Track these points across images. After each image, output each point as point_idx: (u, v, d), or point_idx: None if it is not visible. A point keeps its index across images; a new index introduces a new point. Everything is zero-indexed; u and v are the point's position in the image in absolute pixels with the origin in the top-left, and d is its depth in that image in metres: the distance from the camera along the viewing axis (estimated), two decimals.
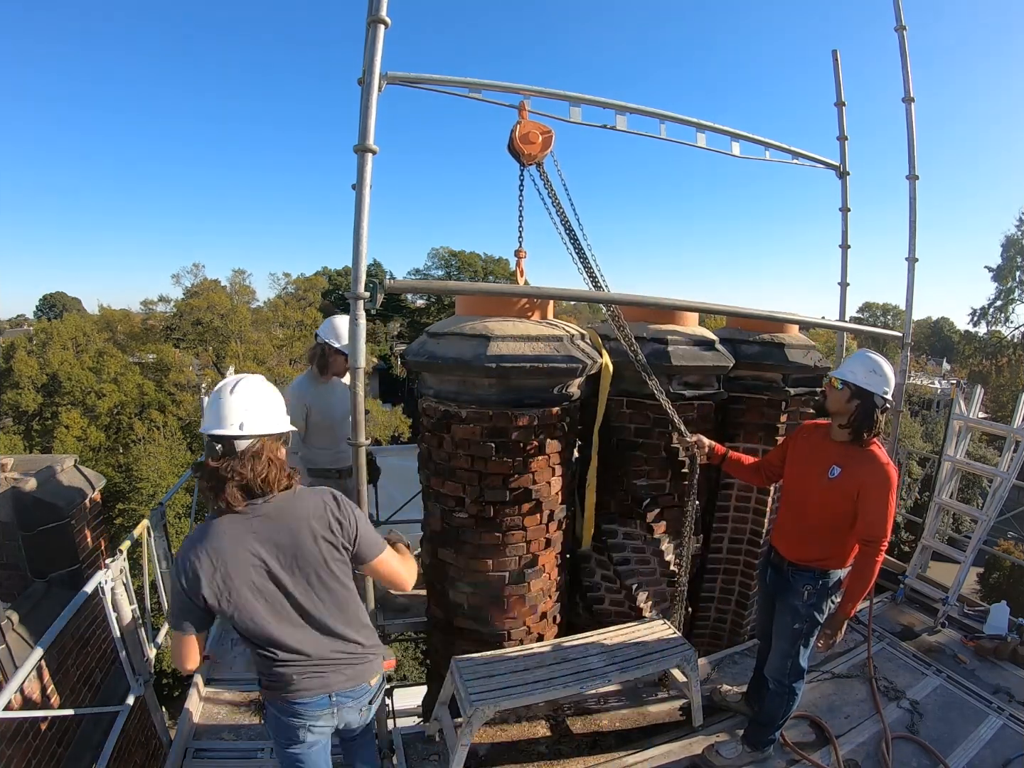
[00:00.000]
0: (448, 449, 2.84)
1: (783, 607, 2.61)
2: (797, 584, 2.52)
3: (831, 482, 2.38)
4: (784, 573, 2.58)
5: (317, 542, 1.68)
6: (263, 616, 1.65)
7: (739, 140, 3.42)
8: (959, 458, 4.31)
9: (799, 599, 2.51)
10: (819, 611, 2.52)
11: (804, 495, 2.51)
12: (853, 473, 2.34)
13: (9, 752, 2.82)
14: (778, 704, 2.66)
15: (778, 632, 2.64)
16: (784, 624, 2.59)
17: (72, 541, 3.76)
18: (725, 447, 2.86)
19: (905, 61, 3.66)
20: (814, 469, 2.46)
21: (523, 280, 3.11)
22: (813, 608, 2.51)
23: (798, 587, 2.51)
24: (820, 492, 2.42)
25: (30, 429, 19.01)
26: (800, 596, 2.51)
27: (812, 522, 2.46)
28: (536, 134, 2.71)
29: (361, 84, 2.18)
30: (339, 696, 1.78)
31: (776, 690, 2.65)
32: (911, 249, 3.78)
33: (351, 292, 2.09)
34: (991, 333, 21.84)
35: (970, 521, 10.64)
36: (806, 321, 3.94)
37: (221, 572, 1.59)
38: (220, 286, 23.49)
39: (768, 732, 2.74)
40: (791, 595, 2.55)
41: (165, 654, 12.05)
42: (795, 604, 2.53)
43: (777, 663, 2.63)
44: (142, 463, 15.90)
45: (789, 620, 2.56)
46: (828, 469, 2.40)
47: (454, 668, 2.63)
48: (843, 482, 2.36)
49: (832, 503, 2.39)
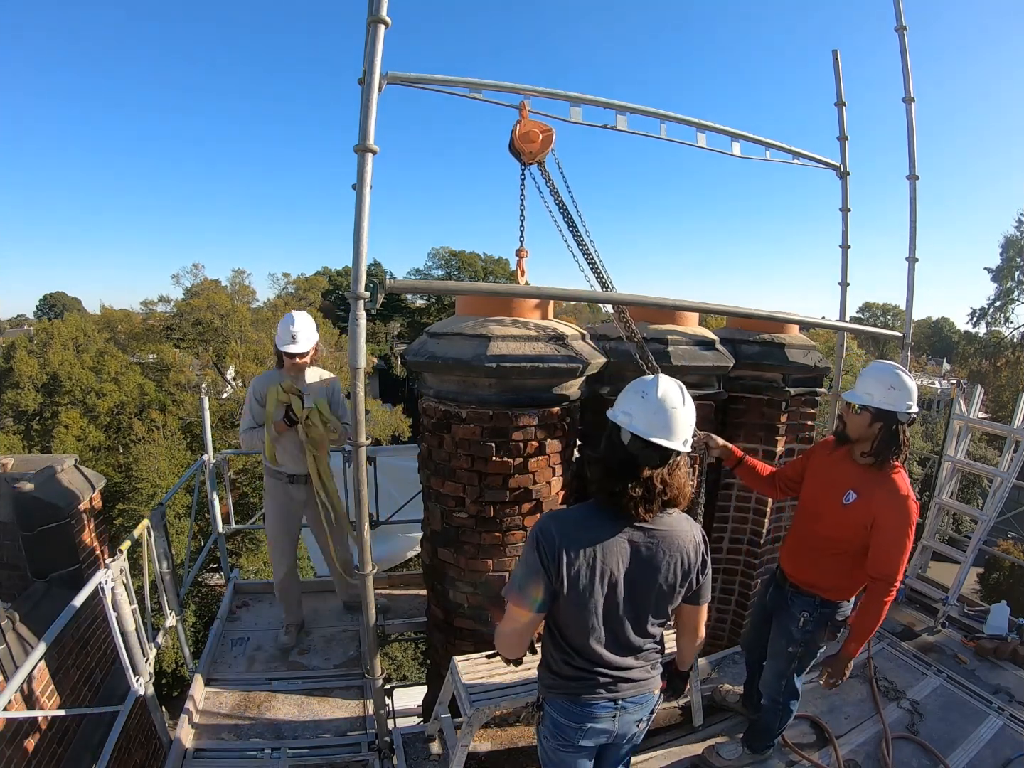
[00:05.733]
0: (448, 449, 2.84)
1: (779, 628, 2.51)
2: (795, 608, 2.41)
3: (845, 508, 2.21)
4: (784, 593, 2.48)
5: (679, 571, 1.62)
6: (595, 616, 1.60)
7: (739, 140, 3.42)
8: (959, 458, 4.31)
9: (795, 624, 2.40)
10: (816, 639, 2.40)
11: (815, 516, 2.35)
12: (869, 502, 2.16)
13: (9, 752, 2.82)
14: (773, 718, 2.62)
15: (773, 652, 2.55)
16: (779, 645, 2.49)
17: (72, 541, 3.76)
18: (742, 451, 2.67)
19: (905, 61, 3.65)
20: (829, 491, 2.29)
21: (524, 280, 3.11)
22: (809, 635, 2.39)
23: (795, 611, 2.40)
24: (832, 516, 2.25)
25: (30, 429, 18.98)
26: (796, 621, 2.39)
27: (819, 546, 2.31)
28: (536, 133, 2.71)
29: (361, 84, 2.18)
30: (624, 702, 1.73)
31: (770, 706, 2.60)
32: (911, 249, 3.77)
33: (351, 292, 2.09)
34: (991, 333, 21.86)
35: (970, 521, 10.64)
36: (806, 321, 3.94)
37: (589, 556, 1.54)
38: (220, 286, 23.46)
39: (766, 739, 2.74)
40: (787, 618, 2.44)
41: (165, 654, 12.09)
42: (790, 628, 2.42)
43: (771, 681, 2.55)
44: (142, 463, 15.87)
45: (784, 643, 2.46)
46: (844, 494, 2.22)
47: (454, 668, 2.63)
48: (858, 510, 2.18)
49: (843, 530, 2.23)
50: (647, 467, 1.53)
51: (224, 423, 20.25)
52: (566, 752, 1.78)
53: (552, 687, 1.74)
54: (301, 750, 2.86)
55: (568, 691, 1.70)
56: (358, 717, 3.14)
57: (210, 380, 20.94)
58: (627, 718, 1.75)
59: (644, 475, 1.53)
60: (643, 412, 1.55)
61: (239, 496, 16.16)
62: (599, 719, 1.70)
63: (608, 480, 1.57)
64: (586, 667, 1.66)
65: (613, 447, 1.59)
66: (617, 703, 1.71)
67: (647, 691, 1.76)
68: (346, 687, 3.37)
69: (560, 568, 1.53)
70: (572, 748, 1.77)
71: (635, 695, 1.73)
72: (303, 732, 3.01)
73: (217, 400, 20.09)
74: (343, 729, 3.05)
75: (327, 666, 3.54)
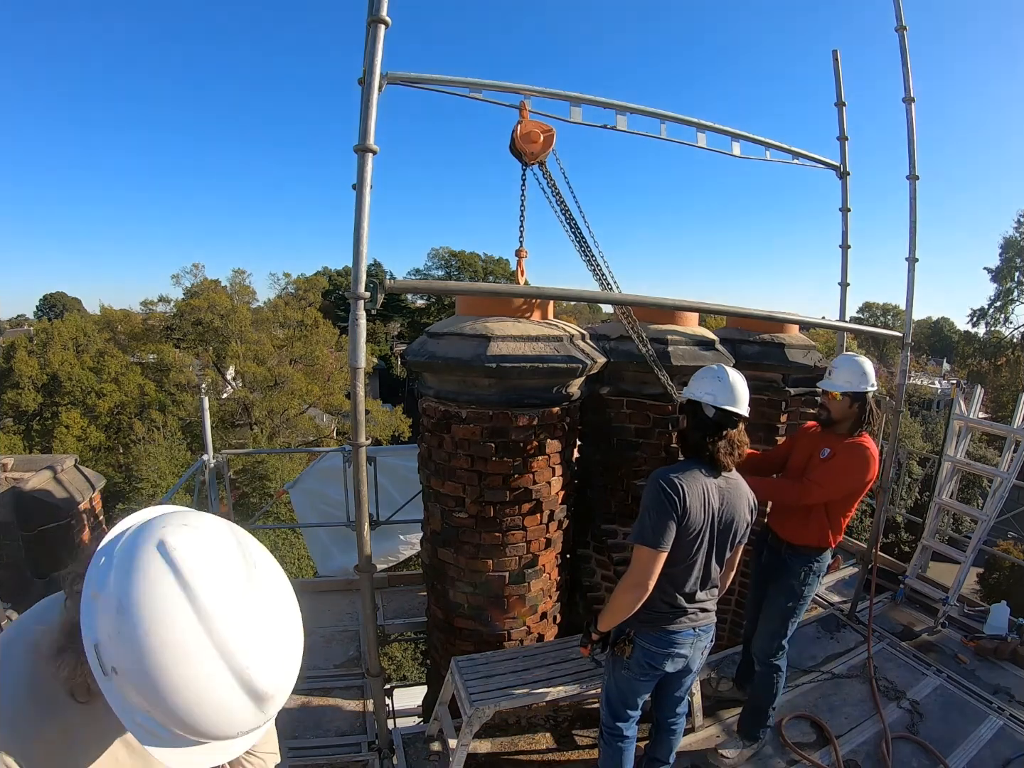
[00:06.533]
0: (448, 449, 2.84)
1: (779, 588, 2.75)
2: (794, 565, 2.70)
3: (822, 460, 2.64)
4: (781, 555, 2.75)
5: (743, 520, 2.14)
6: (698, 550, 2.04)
7: (739, 140, 3.42)
8: (959, 458, 4.32)
9: (795, 579, 2.69)
10: (812, 589, 2.73)
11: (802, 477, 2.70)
12: (839, 450, 2.62)
13: None
14: (767, 684, 2.75)
15: (769, 614, 2.77)
16: (777, 604, 2.73)
17: (72, 541, 3.76)
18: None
19: (905, 61, 3.65)
20: (812, 456, 2.72)
21: (524, 280, 3.11)
22: (807, 588, 2.70)
23: (795, 567, 2.69)
24: (814, 471, 2.66)
25: (30, 429, 19.00)
26: (797, 576, 2.69)
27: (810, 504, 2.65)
28: (537, 133, 2.70)
29: (362, 84, 2.18)
30: (699, 630, 2.15)
31: (763, 671, 2.75)
32: (911, 249, 3.77)
33: (351, 292, 2.09)
34: (991, 333, 21.88)
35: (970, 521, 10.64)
36: (806, 321, 3.94)
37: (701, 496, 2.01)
38: (220, 286, 23.46)
39: (762, 718, 2.78)
40: (788, 575, 2.71)
41: None
42: (791, 584, 2.70)
43: (765, 644, 2.76)
44: (142, 463, 15.88)
45: (783, 600, 2.71)
46: (821, 451, 2.68)
47: (454, 668, 2.64)
48: (831, 458, 2.63)
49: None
50: (729, 428, 2.10)
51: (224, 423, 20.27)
52: (642, 680, 2.19)
53: (646, 621, 2.11)
54: (301, 750, 2.86)
55: (662, 623, 2.10)
56: (358, 717, 3.15)
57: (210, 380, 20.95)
58: (699, 644, 2.17)
59: (727, 435, 2.09)
60: (722, 391, 2.13)
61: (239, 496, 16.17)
62: (682, 645, 2.11)
63: (704, 442, 2.09)
64: (678, 601, 2.08)
65: (700, 419, 2.14)
66: (695, 631, 2.13)
67: (712, 621, 2.21)
68: (346, 687, 3.37)
69: (684, 506, 1.96)
70: (649, 676, 2.18)
71: (707, 623, 2.17)
72: (303, 732, 3.02)
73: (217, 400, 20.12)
74: (343, 729, 3.05)
75: (327, 666, 3.54)
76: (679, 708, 2.37)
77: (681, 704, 2.37)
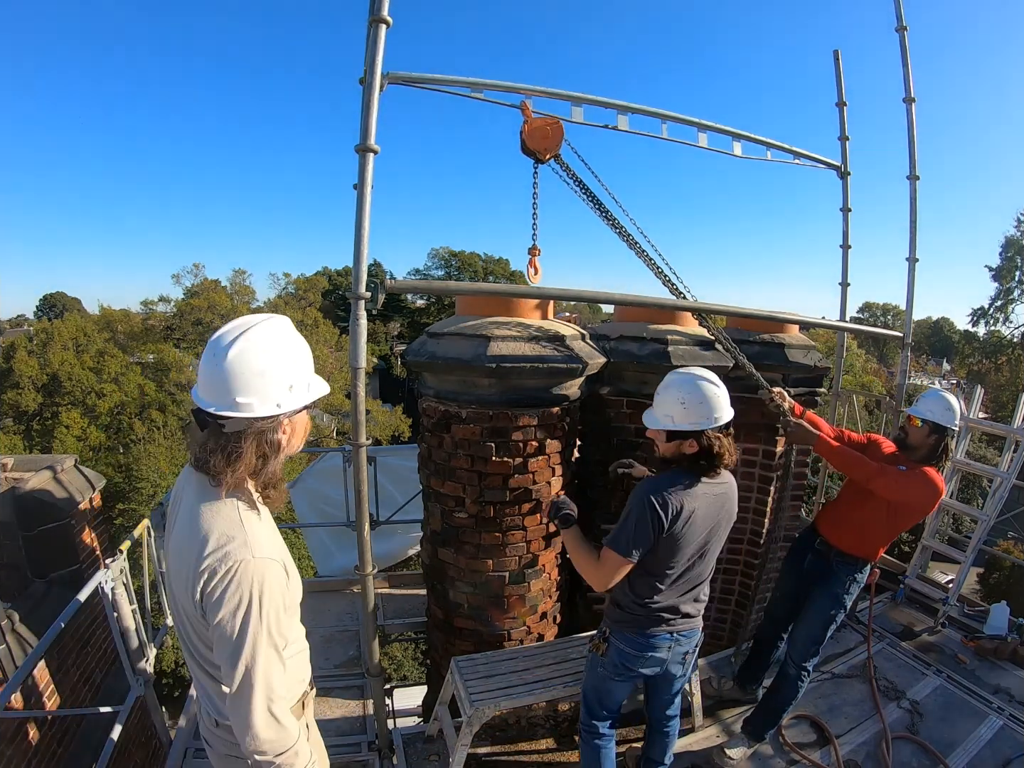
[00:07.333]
0: (448, 449, 2.83)
1: (823, 594, 2.73)
2: (842, 573, 2.70)
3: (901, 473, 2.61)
4: (829, 561, 2.74)
5: (728, 523, 2.09)
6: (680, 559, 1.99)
7: (740, 140, 3.42)
8: (959, 458, 4.31)
9: (842, 587, 2.68)
10: (851, 599, 2.72)
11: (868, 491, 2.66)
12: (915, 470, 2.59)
13: (9, 752, 2.82)
14: (794, 688, 2.76)
15: (812, 619, 2.75)
16: (821, 610, 2.72)
17: (72, 541, 3.76)
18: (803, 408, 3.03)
19: (905, 61, 3.65)
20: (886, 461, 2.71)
21: (538, 278, 3.07)
22: (848, 596, 2.70)
23: (842, 575, 2.69)
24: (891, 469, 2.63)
25: (30, 429, 18.99)
26: (843, 584, 2.69)
27: (868, 514, 2.65)
28: (546, 129, 2.67)
29: (362, 84, 2.18)
30: (678, 635, 2.10)
31: (795, 675, 2.75)
32: (911, 249, 3.78)
33: (352, 292, 2.09)
34: (991, 333, 21.89)
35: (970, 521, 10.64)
36: (806, 321, 3.94)
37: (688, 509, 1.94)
38: (220, 286, 23.48)
39: (775, 719, 2.81)
40: (835, 583, 2.70)
41: (165, 654, 12.08)
42: (837, 592, 2.69)
43: (802, 649, 2.74)
44: (142, 463, 15.85)
45: (828, 606, 2.70)
46: (898, 465, 2.67)
47: (454, 668, 2.63)
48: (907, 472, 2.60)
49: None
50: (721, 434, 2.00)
51: None
52: (616, 681, 2.16)
53: (620, 621, 2.09)
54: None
55: (636, 625, 2.06)
56: (358, 717, 3.14)
57: None
58: (677, 649, 2.11)
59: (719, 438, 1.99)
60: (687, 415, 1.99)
61: None
62: (658, 649, 2.07)
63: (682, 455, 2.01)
64: (654, 607, 2.03)
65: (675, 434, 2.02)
66: (673, 635, 2.08)
67: (696, 627, 2.15)
68: (346, 687, 3.37)
69: (667, 525, 1.91)
70: (624, 677, 2.15)
71: (687, 629, 2.11)
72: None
73: None
74: (343, 729, 3.05)
75: (327, 666, 3.54)
76: (669, 711, 2.35)
77: (671, 707, 2.35)
